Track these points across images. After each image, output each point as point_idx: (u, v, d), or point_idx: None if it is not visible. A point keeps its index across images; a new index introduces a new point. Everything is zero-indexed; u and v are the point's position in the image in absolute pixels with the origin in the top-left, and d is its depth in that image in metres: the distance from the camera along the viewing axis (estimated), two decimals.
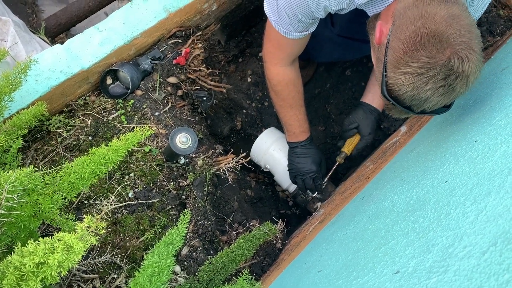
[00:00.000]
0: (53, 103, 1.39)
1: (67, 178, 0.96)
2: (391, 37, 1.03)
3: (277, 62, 1.55)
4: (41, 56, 1.36)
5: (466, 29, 0.97)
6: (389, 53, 1.03)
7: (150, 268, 0.93)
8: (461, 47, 0.95)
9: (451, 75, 0.95)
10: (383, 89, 1.06)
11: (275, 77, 1.59)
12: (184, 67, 1.59)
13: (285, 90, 1.61)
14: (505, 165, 0.71)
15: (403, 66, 0.98)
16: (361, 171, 1.74)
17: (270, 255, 1.49)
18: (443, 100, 1.00)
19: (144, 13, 1.47)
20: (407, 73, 0.98)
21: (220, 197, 1.58)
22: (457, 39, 0.95)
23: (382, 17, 1.17)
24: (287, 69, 1.57)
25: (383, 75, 1.05)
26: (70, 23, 2.08)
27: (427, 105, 1.01)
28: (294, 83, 1.61)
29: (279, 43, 1.46)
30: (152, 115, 1.47)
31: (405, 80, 0.99)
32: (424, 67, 0.96)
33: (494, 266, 0.51)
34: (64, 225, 1.00)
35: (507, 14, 1.86)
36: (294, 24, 1.32)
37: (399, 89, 1.01)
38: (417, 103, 1.02)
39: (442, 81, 0.96)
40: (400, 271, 0.70)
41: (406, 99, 1.02)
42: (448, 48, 0.95)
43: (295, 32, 1.35)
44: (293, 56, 1.53)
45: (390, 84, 1.03)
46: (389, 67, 1.02)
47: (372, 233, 0.96)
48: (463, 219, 0.68)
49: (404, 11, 1.03)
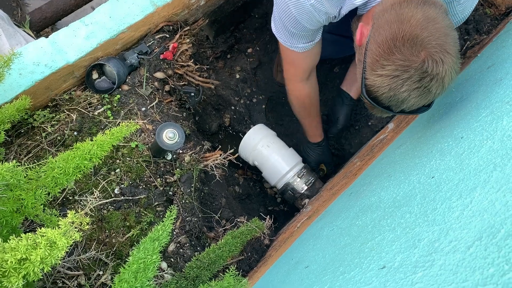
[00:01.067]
0: (37, 97, 1.36)
1: (50, 173, 0.94)
2: (370, 39, 1.05)
3: (293, 78, 1.63)
4: (25, 49, 1.34)
5: (441, 32, 0.98)
6: (367, 55, 1.05)
7: (136, 264, 0.92)
8: (436, 50, 0.96)
9: (425, 77, 0.97)
10: (362, 90, 1.08)
11: (292, 93, 1.71)
12: (172, 62, 1.57)
13: (301, 105, 1.73)
14: (490, 161, 0.72)
15: (379, 69, 1.00)
16: (348, 168, 1.75)
17: (258, 251, 1.48)
18: (421, 101, 1.02)
19: (131, 7, 1.45)
20: (383, 75, 1.00)
21: (207, 193, 1.57)
22: (432, 42, 0.96)
23: (363, 18, 1.19)
24: (302, 85, 1.64)
25: (363, 76, 1.07)
26: (56, 17, 2.05)
27: (405, 105, 1.03)
28: (310, 97, 1.70)
29: (291, 60, 1.52)
30: (138, 110, 1.45)
31: (381, 82, 1.01)
32: (399, 70, 0.98)
33: (479, 260, 0.51)
34: (47, 221, 0.98)
35: (493, 13, 1.87)
36: (296, 39, 1.36)
37: (376, 90, 1.03)
38: (395, 104, 1.04)
39: (417, 83, 0.98)
40: (387, 266, 0.70)
41: (384, 99, 1.04)
42: (423, 51, 0.96)
43: (301, 44, 1.39)
44: (308, 70, 1.58)
45: (368, 85, 1.05)
46: (367, 68, 1.05)
47: (359, 229, 0.96)
48: (449, 214, 0.68)
49: (382, 13, 1.05)
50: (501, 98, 0.94)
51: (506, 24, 1.67)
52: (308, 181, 1.81)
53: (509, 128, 0.77)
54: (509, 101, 0.88)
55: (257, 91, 2.25)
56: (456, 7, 1.23)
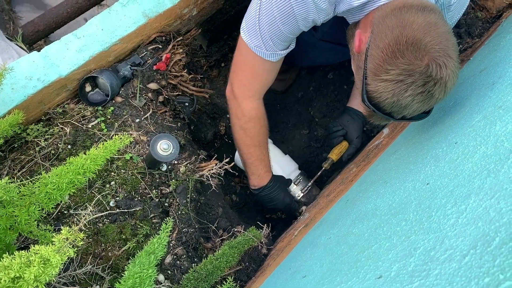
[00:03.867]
0: (30, 111, 1.36)
1: (44, 189, 0.94)
2: (370, 45, 1.04)
3: (252, 95, 1.46)
4: (17, 64, 1.33)
5: (443, 37, 0.99)
6: (368, 61, 1.04)
7: (131, 279, 0.91)
8: (439, 54, 0.96)
9: (429, 82, 0.97)
10: (363, 97, 1.06)
11: (248, 113, 1.48)
12: (165, 72, 1.57)
13: (257, 126, 1.52)
14: (484, 167, 0.72)
15: (383, 74, 0.99)
16: (345, 174, 1.75)
17: (256, 261, 1.48)
18: (422, 106, 1.01)
19: (123, 19, 1.45)
20: (387, 80, 0.99)
21: (204, 203, 1.56)
22: (435, 46, 0.97)
23: (360, 25, 1.18)
24: (260, 103, 1.49)
25: (363, 82, 1.05)
26: (48, 29, 2.05)
27: (407, 111, 1.03)
28: (264, 118, 1.53)
29: (256, 72, 1.40)
30: (132, 122, 1.45)
31: (385, 87, 1.00)
32: (403, 74, 0.97)
33: (474, 270, 0.51)
34: (41, 237, 0.98)
35: (484, 16, 1.88)
36: (277, 44, 1.28)
37: (379, 96, 1.02)
38: (397, 110, 1.03)
39: (421, 88, 0.97)
40: (383, 276, 0.69)
41: (386, 106, 1.03)
42: (426, 55, 0.96)
43: (278, 51, 1.31)
44: (267, 85, 1.47)
45: (370, 92, 1.04)
46: (369, 74, 1.03)
47: (355, 237, 0.96)
48: (444, 222, 0.67)
49: (383, 19, 1.04)
50: (493, 103, 0.94)
51: (497, 27, 1.67)
52: (304, 188, 1.81)
53: (502, 134, 0.77)
54: (502, 105, 0.88)
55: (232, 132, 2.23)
56: (446, 14, 1.24)
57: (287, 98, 2.30)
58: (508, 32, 1.42)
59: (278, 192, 1.69)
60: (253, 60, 1.35)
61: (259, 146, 1.57)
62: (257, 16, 1.24)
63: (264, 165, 1.63)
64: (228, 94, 1.51)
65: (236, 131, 1.56)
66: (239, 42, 1.37)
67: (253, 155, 1.59)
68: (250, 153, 1.59)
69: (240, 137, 1.56)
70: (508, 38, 1.34)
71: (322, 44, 1.69)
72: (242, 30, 1.32)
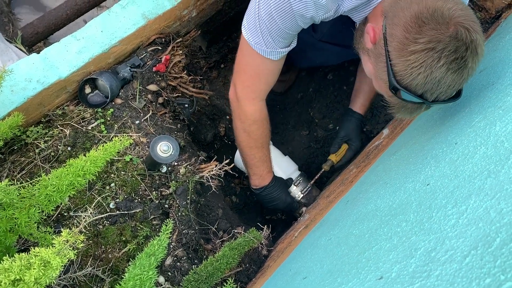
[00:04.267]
0: (30, 113, 1.36)
1: (44, 191, 0.94)
2: (387, 28, 1.00)
3: (255, 96, 1.45)
4: (16, 66, 1.33)
5: (462, 4, 0.97)
6: (389, 42, 0.99)
7: (132, 281, 0.91)
8: (464, 18, 0.94)
9: (461, 46, 0.93)
10: (391, 81, 1.00)
11: (251, 116, 1.47)
12: (165, 74, 1.57)
13: (260, 129, 1.51)
14: (485, 167, 0.72)
15: (412, 44, 0.94)
16: (345, 175, 1.75)
17: (256, 262, 1.47)
18: (457, 78, 0.96)
19: (122, 21, 1.45)
20: (417, 51, 0.94)
21: (204, 205, 1.56)
22: (458, 11, 0.94)
23: (370, 19, 1.16)
24: (263, 105, 1.48)
25: (388, 66, 0.99)
26: (48, 31, 2.05)
27: (441, 88, 0.96)
28: (267, 119, 1.52)
29: (258, 72, 1.38)
30: (132, 123, 1.45)
31: (416, 59, 0.94)
32: (433, 41, 0.92)
33: (475, 271, 0.51)
34: (42, 239, 0.97)
35: (484, 17, 1.88)
36: (277, 41, 1.27)
37: (410, 73, 0.96)
38: (430, 87, 0.97)
39: (453, 54, 0.93)
40: (384, 277, 0.69)
41: (419, 83, 0.96)
42: (452, 20, 0.93)
43: (279, 48, 1.30)
44: (270, 86, 1.45)
45: (398, 72, 0.98)
46: (394, 53, 0.98)
47: (356, 238, 0.96)
48: (445, 223, 0.67)
49: (395, 3, 1.01)
50: (493, 103, 0.94)
51: (496, 28, 1.68)
52: (304, 189, 1.81)
53: (502, 134, 0.77)
54: (502, 106, 0.88)
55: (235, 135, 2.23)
56: None
57: (287, 99, 2.30)
58: (507, 33, 1.43)
59: (279, 192, 1.69)
60: (254, 59, 1.34)
61: (262, 147, 1.57)
62: (256, 13, 1.22)
63: (266, 166, 1.63)
64: (232, 97, 1.50)
65: (239, 133, 1.55)
66: (241, 41, 1.37)
67: (256, 156, 1.59)
68: (253, 154, 1.58)
69: (243, 139, 1.55)
70: (507, 39, 1.34)
71: (322, 45, 1.69)
72: (243, 27, 1.31)
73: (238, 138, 1.57)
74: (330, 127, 2.19)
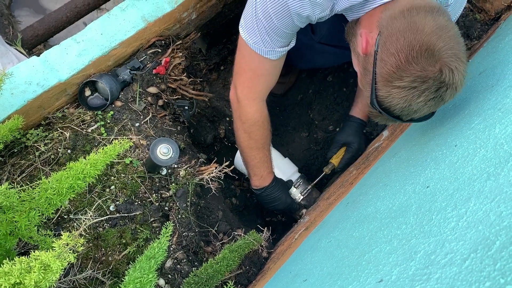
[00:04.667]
0: (30, 116, 1.36)
1: (44, 194, 0.94)
2: (380, 49, 1.03)
3: (255, 97, 1.46)
4: (16, 68, 1.34)
5: (454, 40, 0.99)
6: (379, 66, 1.03)
7: (132, 283, 0.91)
8: (451, 59, 0.97)
9: (442, 87, 0.98)
10: (373, 101, 1.06)
11: (252, 117, 1.48)
12: (165, 76, 1.57)
13: (261, 129, 1.51)
14: (484, 170, 0.72)
15: (397, 81, 0.99)
16: (345, 177, 1.75)
17: (256, 264, 1.47)
18: (432, 108, 1.03)
19: (122, 23, 1.45)
20: (400, 87, 0.99)
21: (204, 207, 1.56)
22: (448, 51, 0.97)
23: (364, 24, 1.15)
24: (263, 105, 1.49)
25: (373, 86, 1.05)
26: (48, 34, 2.05)
27: (417, 114, 1.04)
28: (268, 120, 1.53)
29: (257, 72, 1.39)
30: (132, 126, 1.45)
31: (398, 94, 1.00)
32: (417, 81, 0.97)
33: (475, 274, 0.51)
34: (42, 242, 0.97)
35: (483, 18, 1.89)
36: (275, 40, 1.27)
37: (390, 102, 1.03)
38: (406, 113, 1.04)
39: (434, 93, 0.98)
40: (384, 280, 0.69)
41: (397, 110, 1.04)
42: (439, 61, 0.96)
43: (277, 48, 1.30)
44: (270, 86, 1.46)
45: (381, 97, 1.04)
46: (380, 80, 1.03)
47: (356, 241, 0.96)
48: (445, 225, 0.67)
49: (392, 21, 1.03)
50: (493, 105, 0.94)
51: (496, 30, 1.68)
52: (304, 190, 1.81)
53: (501, 136, 0.77)
54: (501, 108, 0.88)
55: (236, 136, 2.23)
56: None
57: (287, 101, 2.30)
58: (506, 34, 1.43)
59: (279, 193, 1.69)
60: (253, 59, 1.34)
61: (263, 148, 1.57)
62: (254, 13, 1.23)
63: (267, 167, 1.63)
64: (232, 98, 1.50)
65: (240, 134, 1.55)
66: (239, 42, 1.36)
67: (256, 157, 1.59)
68: (254, 155, 1.58)
69: (243, 140, 1.55)
70: (507, 40, 1.35)
71: (321, 47, 1.69)
72: (241, 27, 1.31)
73: (238, 139, 1.57)
74: (330, 128, 2.19)
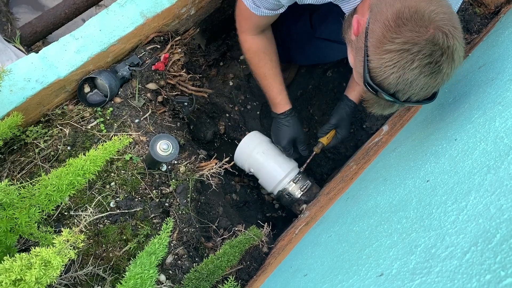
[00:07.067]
0: (29, 113, 1.36)
1: (44, 191, 0.94)
2: (370, 22, 1.00)
3: (244, 30, 1.58)
4: (15, 65, 1.33)
5: (446, 9, 0.95)
6: (369, 37, 0.99)
7: (133, 279, 0.91)
8: (444, 22, 0.92)
9: (436, 51, 0.92)
10: (365, 77, 1.00)
11: (243, 44, 1.62)
12: (164, 72, 1.57)
13: (255, 58, 1.63)
14: (484, 163, 0.71)
15: (388, 43, 0.94)
16: (345, 172, 1.75)
17: (257, 259, 1.48)
18: (430, 81, 0.95)
19: (121, 19, 1.45)
20: (392, 51, 0.93)
21: (204, 203, 1.56)
22: (440, 15, 0.93)
23: (358, 11, 1.15)
24: (256, 38, 1.59)
25: (365, 61, 0.99)
26: (46, 30, 2.04)
27: (413, 90, 0.96)
28: (264, 51, 1.62)
29: (245, 14, 1.49)
30: (132, 122, 1.45)
31: (389, 59, 0.94)
32: (409, 43, 0.92)
33: (475, 267, 0.51)
34: (42, 239, 0.97)
35: (483, 12, 1.88)
36: (261, 2, 1.35)
37: (383, 71, 0.96)
38: (402, 88, 0.96)
39: (428, 58, 0.92)
40: (384, 274, 0.69)
41: (391, 83, 0.96)
42: (431, 23, 0.92)
43: (263, 8, 1.38)
44: (259, 28, 1.55)
45: (373, 69, 0.98)
46: (371, 49, 0.98)
47: (356, 235, 0.96)
48: (445, 219, 0.67)
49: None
50: (493, 99, 0.94)
51: (495, 23, 1.67)
52: (303, 186, 1.81)
53: (501, 130, 0.77)
54: (501, 101, 0.88)
55: (251, 97, 2.25)
56: None
57: None
58: (506, 28, 1.42)
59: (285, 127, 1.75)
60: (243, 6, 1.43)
61: (265, 77, 1.66)
62: None
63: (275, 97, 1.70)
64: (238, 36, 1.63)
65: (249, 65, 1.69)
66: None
67: (264, 84, 1.69)
68: (261, 83, 1.69)
69: (251, 69, 1.69)
70: (506, 34, 1.34)
71: (320, 42, 1.69)
72: None
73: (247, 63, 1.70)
74: None
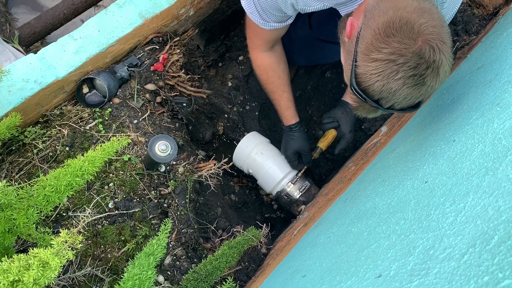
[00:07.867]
0: (28, 114, 1.36)
1: (42, 192, 0.94)
2: (362, 28, 1.00)
3: (255, 47, 1.62)
4: (13, 66, 1.33)
5: (437, 22, 0.95)
6: (359, 43, 0.99)
7: (131, 280, 0.91)
8: (433, 36, 0.93)
9: (422, 64, 0.92)
10: (352, 81, 1.01)
11: (254, 62, 1.67)
12: (162, 73, 1.57)
13: (264, 75, 1.68)
14: (482, 165, 0.72)
15: (375, 52, 0.95)
16: (343, 173, 1.75)
17: (255, 260, 1.48)
18: (413, 92, 0.96)
19: (119, 20, 1.45)
20: (378, 60, 0.94)
21: (203, 203, 1.56)
22: (429, 28, 0.93)
23: (354, 14, 1.16)
24: (265, 55, 1.62)
25: (353, 65, 1.00)
26: (45, 31, 2.04)
27: (396, 98, 0.97)
28: (273, 68, 1.66)
29: (255, 31, 1.53)
30: (130, 123, 1.45)
31: (375, 68, 0.95)
32: (396, 54, 0.92)
33: (473, 268, 0.51)
34: (40, 240, 0.97)
35: (481, 13, 1.88)
36: (269, 16, 1.38)
37: (368, 79, 0.97)
38: (386, 96, 0.97)
39: (412, 70, 0.93)
40: (382, 275, 0.69)
41: (376, 90, 0.97)
42: (420, 36, 0.92)
43: (272, 22, 1.41)
44: (270, 42, 1.58)
45: (359, 74, 0.99)
46: (360, 56, 0.99)
47: (354, 236, 0.96)
48: (443, 220, 0.67)
49: (377, 3, 1.01)
50: (491, 100, 0.94)
51: (494, 25, 1.68)
52: (302, 187, 1.81)
53: (499, 131, 0.77)
54: (499, 103, 0.88)
55: (250, 98, 2.25)
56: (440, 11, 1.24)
57: None
58: (505, 29, 1.43)
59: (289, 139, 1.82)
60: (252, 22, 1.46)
61: (273, 92, 1.73)
62: None
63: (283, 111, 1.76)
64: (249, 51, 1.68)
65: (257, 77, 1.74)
66: None
67: (273, 98, 1.75)
68: (270, 97, 1.76)
69: (260, 82, 1.74)
70: (505, 35, 1.34)
71: (319, 43, 1.69)
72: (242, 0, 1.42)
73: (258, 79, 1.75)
74: None
